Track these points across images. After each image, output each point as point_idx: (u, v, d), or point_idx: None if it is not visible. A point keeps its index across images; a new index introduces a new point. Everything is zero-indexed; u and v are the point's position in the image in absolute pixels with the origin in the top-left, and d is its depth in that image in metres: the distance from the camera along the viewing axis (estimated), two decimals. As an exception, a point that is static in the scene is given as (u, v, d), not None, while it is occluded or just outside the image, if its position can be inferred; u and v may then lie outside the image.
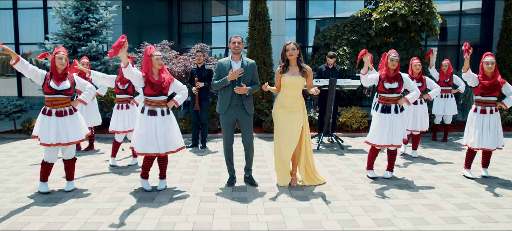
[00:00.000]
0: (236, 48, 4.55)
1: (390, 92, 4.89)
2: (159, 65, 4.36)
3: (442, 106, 7.50)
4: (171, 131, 4.40)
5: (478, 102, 5.05)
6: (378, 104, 5.00)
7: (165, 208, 4.03)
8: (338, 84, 6.93)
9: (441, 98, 7.48)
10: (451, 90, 7.49)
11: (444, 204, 4.15)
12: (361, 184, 4.85)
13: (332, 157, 6.36)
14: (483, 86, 4.92)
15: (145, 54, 4.38)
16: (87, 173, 5.31)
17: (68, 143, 4.36)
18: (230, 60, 4.61)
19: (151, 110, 4.35)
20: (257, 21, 8.83)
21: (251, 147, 4.73)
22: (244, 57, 4.66)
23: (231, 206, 4.07)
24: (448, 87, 7.45)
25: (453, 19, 13.28)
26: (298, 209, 4.00)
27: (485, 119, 4.97)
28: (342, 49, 9.71)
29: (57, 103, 4.33)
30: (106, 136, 8.09)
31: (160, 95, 4.34)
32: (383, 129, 4.87)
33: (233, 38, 4.61)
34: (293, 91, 4.57)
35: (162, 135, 4.34)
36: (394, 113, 4.88)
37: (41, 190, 4.44)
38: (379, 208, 4.03)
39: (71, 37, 8.88)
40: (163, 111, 4.38)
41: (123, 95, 5.68)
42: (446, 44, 13.44)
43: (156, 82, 4.33)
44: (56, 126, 4.31)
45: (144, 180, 4.59)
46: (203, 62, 6.92)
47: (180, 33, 14.22)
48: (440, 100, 7.49)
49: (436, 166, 5.77)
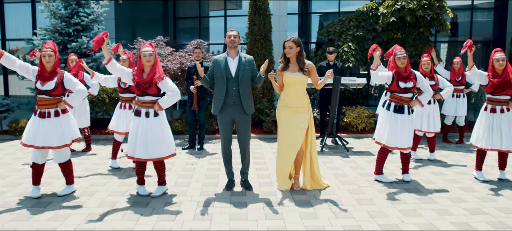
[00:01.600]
0: (232, 41, 4.55)
1: (404, 91, 4.84)
2: (147, 61, 4.26)
3: (454, 106, 7.46)
4: (153, 136, 4.28)
5: (490, 101, 5.06)
6: (390, 102, 4.95)
7: (160, 213, 4.02)
8: (342, 83, 6.93)
9: (452, 98, 7.43)
10: (463, 90, 7.46)
11: (455, 209, 4.15)
12: (367, 188, 4.85)
13: (336, 159, 6.36)
14: (493, 85, 4.92)
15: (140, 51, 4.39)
16: (78, 176, 5.31)
17: (43, 147, 4.26)
18: (225, 56, 4.61)
19: (137, 110, 4.34)
20: (257, 16, 8.83)
21: (247, 149, 4.72)
22: (241, 53, 4.67)
23: (230, 211, 4.07)
24: (460, 86, 7.42)
25: (464, 14, 13.27)
26: (300, 214, 4.00)
27: (495, 118, 4.97)
28: (347, 45, 9.71)
29: (41, 104, 4.32)
30: (98, 137, 8.09)
31: (144, 95, 4.29)
32: (394, 130, 4.83)
33: (228, 31, 4.63)
34: (296, 89, 4.57)
35: (142, 139, 4.27)
36: (407, 114, 4.87)
37: (33, 195, 4.43)
38: (386, 213, 4.03)
39: (60, 32, 8.87)
40: (148, 113, 4.30)
41: (126, 94, 5.67)
42: (457, 40, 13.44)
43: (141, 80, 4.26)
44: (37, 127, 4.30)
45: (140, 186, 4.58)
46: (201, 59, 6.92)
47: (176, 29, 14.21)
48: (452, 100, 7.44)
49: (446, 169, 5.77)
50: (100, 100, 8.16)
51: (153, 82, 4.26)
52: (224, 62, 4.57)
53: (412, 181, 5.13)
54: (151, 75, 4.29)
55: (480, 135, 5.05)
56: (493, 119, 4.98)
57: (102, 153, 6.76)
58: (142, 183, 4.58)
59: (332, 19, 11.50)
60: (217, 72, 4.58)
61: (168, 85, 4.31)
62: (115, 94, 8.31)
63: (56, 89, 4.30)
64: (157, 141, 4.31)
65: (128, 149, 4.37)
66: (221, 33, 13.31)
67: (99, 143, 7.68)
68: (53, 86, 4.28)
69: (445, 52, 13.35)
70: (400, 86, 4.84)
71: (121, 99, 5.72)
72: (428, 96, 4.91)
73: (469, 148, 7.25)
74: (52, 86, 4.28)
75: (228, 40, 4.59)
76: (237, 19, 13.64)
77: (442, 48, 13.42)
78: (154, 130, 4.30)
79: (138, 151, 4.29)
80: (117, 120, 5.68)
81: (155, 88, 4.29)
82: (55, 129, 4.31)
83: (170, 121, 8.28)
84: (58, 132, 4.33)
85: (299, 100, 4.58)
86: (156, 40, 9.03)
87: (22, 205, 4.24)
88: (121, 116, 5.65)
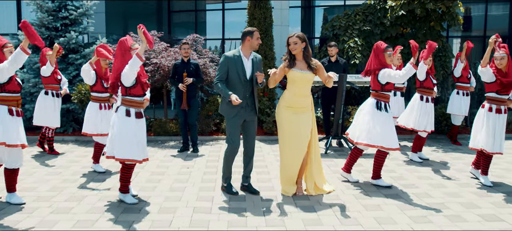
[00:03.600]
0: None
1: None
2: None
3: (464, 105, 7.43)
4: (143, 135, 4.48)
5: (493, 100, 5.06)
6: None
7: (153, 220, 4.02)
8: (348, 81, 6.93)
9: (460, 96, 7.38)
10: (469, 88, 7.42)
11: (468, 215, 4.15)
12: (374, 193, 4.85)
13: (341, 162, 6.35)
14: (501, 83, 4.93)
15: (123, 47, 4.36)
16: (66, 181, 5.31)
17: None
18: (240, 55, 4.59)
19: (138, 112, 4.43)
20: (257, 9, 8.82)
21: (253, 153, 4.81)
22: (252, 52, 4.69)
23: (228, 218, 4.06)
24: (468, 84, 7.40)
25: (478, 7, 13.26)
26: (303, 221, 4.00)
27: (498, 120, 5.02)
28: (353, 41, 9.70)
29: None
30: (89, 139, 8.08)
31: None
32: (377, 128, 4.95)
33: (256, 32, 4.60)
34: (303, 88, 4.56)
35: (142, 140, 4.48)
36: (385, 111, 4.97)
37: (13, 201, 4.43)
38: (395, 220, 4.03)
39: (47, 27, 8.87)
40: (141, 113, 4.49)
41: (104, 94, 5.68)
42: (470, 35, 13.43)
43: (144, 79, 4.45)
44: None
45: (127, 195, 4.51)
46: (189, 55, 6.96)
47: (170, 23, 14.20)
48: (460, 99, 7.38)
49: (459, 173, 5.77)
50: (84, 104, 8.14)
51: None
52: (240, 62, 4.56)
53: (422, 186, 5.13)
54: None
55: (489, 139, 5.01)
56: (497, 120, 5.01)
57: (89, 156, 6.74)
58: (128, 191, 4.54)
59: (337, 13, 11.49)
60: (232, 72, 4.56)
61: None
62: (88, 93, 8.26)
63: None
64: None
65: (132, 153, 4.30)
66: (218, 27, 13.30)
67: (89, 145, 7.67)
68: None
69: (457, 48, 13.33)
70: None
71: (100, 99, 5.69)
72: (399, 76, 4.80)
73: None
74: None
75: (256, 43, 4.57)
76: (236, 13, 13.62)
77: (455, 43, 13.41)
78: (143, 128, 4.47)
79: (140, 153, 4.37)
80: (98, 122, 5.62)
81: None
82: None
83: (165, 122, 8.28)
84: None
85: (305, 100, 4.58)
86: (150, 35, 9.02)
87: (4, 210, 4.22)
88: (103, 118, 5.63)
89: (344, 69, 7.36)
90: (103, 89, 5.64)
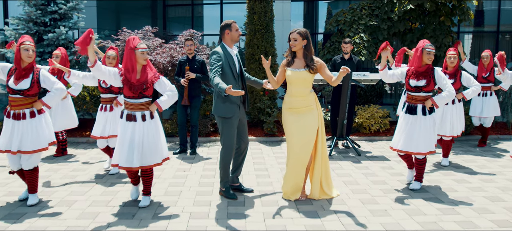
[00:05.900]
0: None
1: (416, 90, 4.94)
2: (144, 60, 4.27)
3: (479, 106, 7.44)
4: (150, 141, 4.33)
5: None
6: (404, 103, 5.10)
7: (147, 226, 4.03)
8: (353, 79, 6.94)
9: (478, 97, 7.41)
10: (491, 87, 7.43)
11: (480, 221, 4.16)
12: (381, 198, 4.86)
13: (346, 164, 6.37)
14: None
15: (127, 46, 4.27)
16: (55, 184, 5.32)
17: (18, 152, 4.31)
18: (228, 50, 4.66)
19: (129, 114, 4.32)
20: (257, 3, 8.83)
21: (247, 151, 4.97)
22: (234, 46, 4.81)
23: (226, 224, 4.08)
24: (487, 84, 7.40)
25: (491, 1, 13.27)
26: (306, 226, 4.01)
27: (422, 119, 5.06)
28: (358, 37, 9.71)
29: (15, 104, 4.34)
30: (78, 140, 8.10)
31: (141, 97, 4.30)
32: (402, 131, 4.98)
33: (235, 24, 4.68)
34: (299, 88, 4.58)
35: (139, 145, 4.28)
36: (421, 115, 4.91)
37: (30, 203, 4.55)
38: (402, 225, 4.04)
39: (35, 22, 8.88)
40: (145, 116, 4.33)
41: (107, 94, 5.69)
42: (482, 31, 13.44)
43: (137, 82, 4.25)
44: (11, 130, 4.33)
45: (134, 187, 4.71)
46: (194, 52, 6.93)
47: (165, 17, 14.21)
48: (478, 99, 7.43)
49: (471, 176, 5.78)
50: (80, 98, 8.17)
51: (150, 82, 4.29)
52: (231, 57, 4.64)
53: (431, 190, 5.15)
54: (145, 75, 4.30)
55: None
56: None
57: (82, 158, 6.77)
58: (138, 183, 4.69)
59: (342, 7, 11.50)
60: (226, 67, 4.59)
61: (166, 84, 4.39)
62: (97, 91, 8.32)
63: (31, 89, 4.32)
64: (154, 146, 4.36)
65: (120, 159, 4.31)
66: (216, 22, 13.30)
67: (79, 146, 7.69)
68: (28, 85, 4.30)
69: (469, 44, 13.34)
70: (411, 84, 4.95)
71: (102, 100, 5.74)
72: (447, 97, 4.91)
73: (495, 152, 7.26)
74: (27, 85, 4.30)
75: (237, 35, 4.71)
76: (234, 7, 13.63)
77: (466, 39, 13.41)
78: (151, 134, 4.35)
79: (135, 160, 4.27)
80: (103, 125, 5.66)
81: (152, 89, 4.35)
82: (31, 131, 4.34)
83: (159, 122, 8.28)
84: (33, 135, 4.34)
85: (304, 100, 4.59)
86: (144, 31, 9.03)
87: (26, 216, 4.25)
88: (107, 120, 5.65)
89: (357, 67, 7.36)
90: (103, 89, 5.67)
